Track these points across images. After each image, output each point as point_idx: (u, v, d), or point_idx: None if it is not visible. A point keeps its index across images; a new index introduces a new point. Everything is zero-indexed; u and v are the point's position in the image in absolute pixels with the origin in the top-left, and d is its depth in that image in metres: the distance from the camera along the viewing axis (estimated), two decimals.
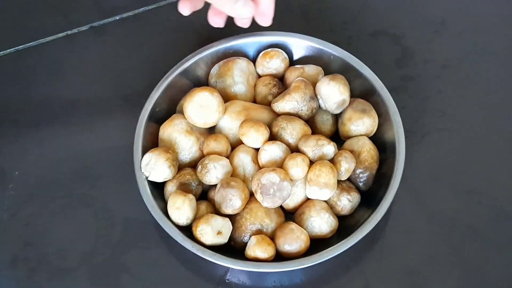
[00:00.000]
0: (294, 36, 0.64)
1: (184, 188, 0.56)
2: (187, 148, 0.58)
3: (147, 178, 0.56)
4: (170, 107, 0.62)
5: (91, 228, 0.59)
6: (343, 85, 0.59)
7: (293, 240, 0.53)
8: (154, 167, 0.56)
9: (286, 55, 0.64)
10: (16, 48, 0.71)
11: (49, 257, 0.58)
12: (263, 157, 0.56)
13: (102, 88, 0.68)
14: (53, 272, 0.57)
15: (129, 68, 0.69)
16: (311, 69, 0.62)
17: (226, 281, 0.56)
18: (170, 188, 0.57)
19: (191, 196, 0.55)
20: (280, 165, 0.56)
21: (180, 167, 0.58)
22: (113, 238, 0.58)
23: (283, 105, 0.59)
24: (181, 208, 0.54)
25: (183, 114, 0.59)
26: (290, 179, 0.54)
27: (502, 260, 0.57)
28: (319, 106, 0.60)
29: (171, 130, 0.58)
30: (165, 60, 0.64)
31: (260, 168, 0.57)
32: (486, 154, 0.63)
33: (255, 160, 0.57)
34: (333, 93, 0.59)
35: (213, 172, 0.56)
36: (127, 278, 0.56)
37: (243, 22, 0.58)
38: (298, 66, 0.63)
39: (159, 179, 0.56)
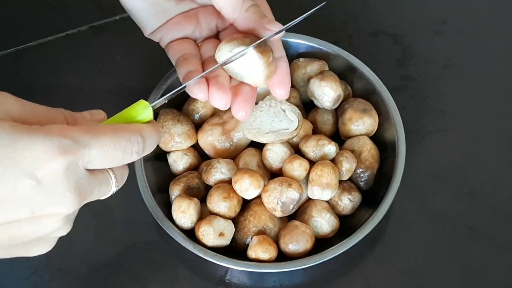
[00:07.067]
0: (294, 36, 0.64)
1: (188, 191, 0.56)
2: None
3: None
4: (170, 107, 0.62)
5: (91, 228, 0.59)
6: (334, 81, 0.59)
7: (299, 235, 0.53)
8: None
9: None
10: (16, 47, 0.71)
11: (49, 257, 0.57)
12: (269, 156, 0.56)
13: (101, 88, 0.68)
14: (53, 273, 0.57)
15: (129, 68, 0.69)
16: (313, 68, 0.62)
17: (226, 281, 0.56)
18: (176, 192, 0.56)
19: (196, 200, 0.54)
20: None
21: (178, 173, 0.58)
22: (113, 238, 0.58)
23: None
24: (186, 212, 0.54)
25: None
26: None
27: (502, 261, 0.57)
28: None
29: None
30: (165, 60, 0.63)
31: (266, 168, 0.57)
32: (487, 154, 0.63)
33: (261, 165, 0.57)
34: (327, 92, 0.58)
35: (218, 174, 0.56)
36: (127, 278, 0.56)
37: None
38: (302, 59, 0.62)
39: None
